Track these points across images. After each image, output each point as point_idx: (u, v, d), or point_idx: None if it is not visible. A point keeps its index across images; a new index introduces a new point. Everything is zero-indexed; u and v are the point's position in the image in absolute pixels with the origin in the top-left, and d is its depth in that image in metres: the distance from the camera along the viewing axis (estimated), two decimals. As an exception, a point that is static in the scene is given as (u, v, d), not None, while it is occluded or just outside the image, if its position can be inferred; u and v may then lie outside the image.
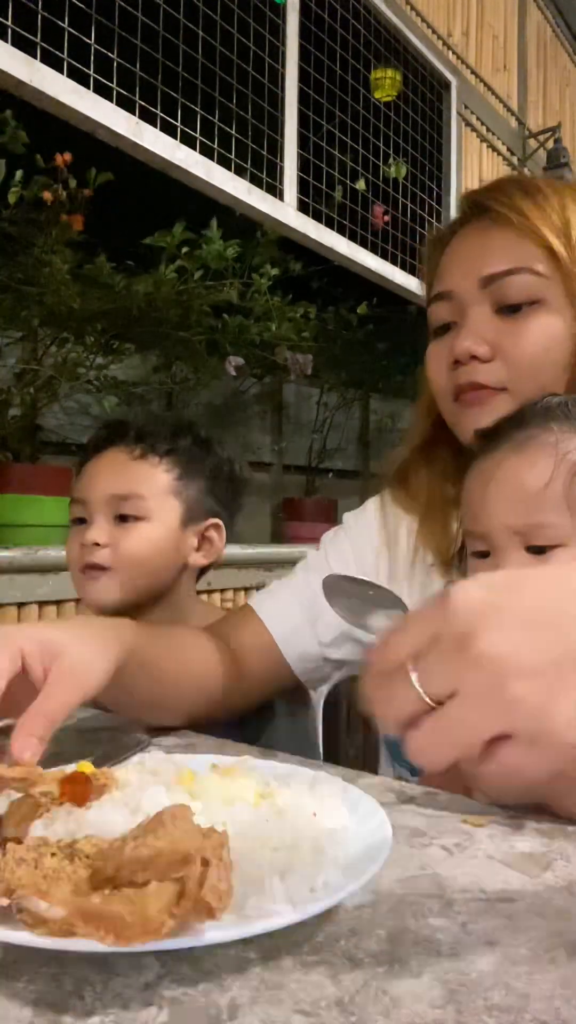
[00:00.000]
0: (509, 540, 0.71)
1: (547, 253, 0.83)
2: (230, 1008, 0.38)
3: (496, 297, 0.84)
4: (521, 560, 0.70)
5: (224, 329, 2.71)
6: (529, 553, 0.70)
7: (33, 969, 0.41)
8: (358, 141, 3.37)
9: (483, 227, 0.87)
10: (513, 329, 0.83)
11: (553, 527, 0.69)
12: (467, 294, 0.86)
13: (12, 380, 2.30)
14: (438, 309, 0.90)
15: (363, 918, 0.46)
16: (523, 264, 0.83)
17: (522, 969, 0.41)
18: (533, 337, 0.83)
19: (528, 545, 0.70)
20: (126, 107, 2.31)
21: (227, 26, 2.68)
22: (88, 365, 2.39)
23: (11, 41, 1.99)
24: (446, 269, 0.90)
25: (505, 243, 0.84)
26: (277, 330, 2.78)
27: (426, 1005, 0.38)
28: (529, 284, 0.83)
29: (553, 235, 0.83)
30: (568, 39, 5.36)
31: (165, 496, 1.12)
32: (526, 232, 0.83)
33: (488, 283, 0.84)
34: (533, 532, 0.69)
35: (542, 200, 0.85)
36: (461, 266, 0.87)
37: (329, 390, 3.86)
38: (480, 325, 0.84)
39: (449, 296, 0.88)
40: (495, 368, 0.84)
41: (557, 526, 0.69)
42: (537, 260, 0.83)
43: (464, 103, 4.15)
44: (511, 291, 0.83)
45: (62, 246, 2.20)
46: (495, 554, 0.72)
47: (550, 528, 0.69)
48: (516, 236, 0.84)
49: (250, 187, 2.79)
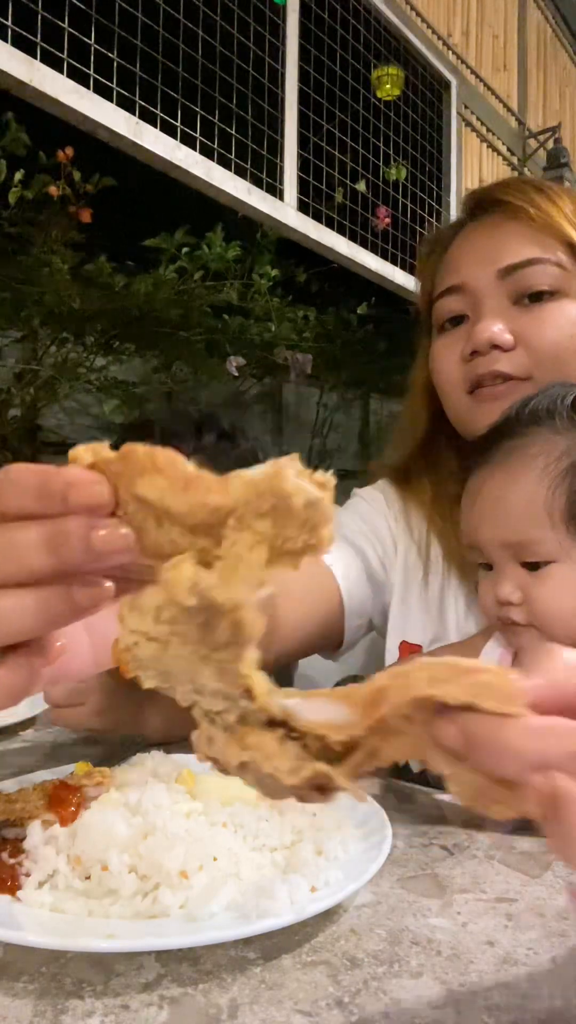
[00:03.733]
0: (502, 555, 0.71)
1: (566, 247, 0.83)
2: (230, 1008, 0.38)
3: (515, 287, 0.84)
4: (517, 575, 0.70)
5: (224, 330, 2.72)
6: (524, 568, 0.70)
7: (33, 969, 0.41)
8: (358, 141, 3.37)
9: (496, 222, 0.87)
10: (535, 317, 0.83)
11: (540, 543, 0.69)
12: (483, 286, 0.85)
13: (12, 380, 2.30)
14: (448, 303, 0.88)
15: (363, 918, 0.46)
16: (544, 255, 0.83)
17: (522, 969, 0.41)
18: (556, 324, 0.82)
19: (522, 562, 0.70)
20: (126, 107, 2.31)
21: (227, 26, 2.68)
22: (88, 365, 2.39)
23: (11, 41, 1.99)
24: (456, 264, 0.89)
25: (523, 235, 0.84)
26: (277, 331, 2.78)
27: (426, 1005, 0.38)
28: (551, 274, 0.83)
29: (572, 228, 0.83)
30: (568, 39, 5.36)
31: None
32: (544, 225, 0.84)
33: (507, 274, 0.84)
34: (522, 549, 0.70)
35: (555, 197, 0.86)
36: (475, 259, 0.86)
37: (329, 390, 3.86)
38: (500, 314, 0.83)
39: (462, 289, 0.87)
40: (518, 357, 0.83)
41: (544, 542, 0.69)
42: (557, 251, 0.83)
43: (464, 103, 4.15)
44: (533, 280, 0.83)
45: (62, 246, 2.20)
46: (494, 567, 0.73)
47: (538, 545, 0.69)
48: (534, 228, 0.84)
49: (250, 187, 2.78)
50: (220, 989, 0.39)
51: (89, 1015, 0.37)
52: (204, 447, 1.14)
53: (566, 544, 0.68)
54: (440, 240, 0.93)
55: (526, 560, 0.70)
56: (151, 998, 0.38)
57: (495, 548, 0.71)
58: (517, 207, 0.85)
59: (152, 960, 0.41)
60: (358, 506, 1.02)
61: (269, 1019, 0.37)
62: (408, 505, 0.99)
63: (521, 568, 0.70)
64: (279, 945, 0.43)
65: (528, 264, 0.83)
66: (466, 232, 0.89)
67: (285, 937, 0.43)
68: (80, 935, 0.40)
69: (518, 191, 0.87)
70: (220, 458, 1.15)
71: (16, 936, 0.40)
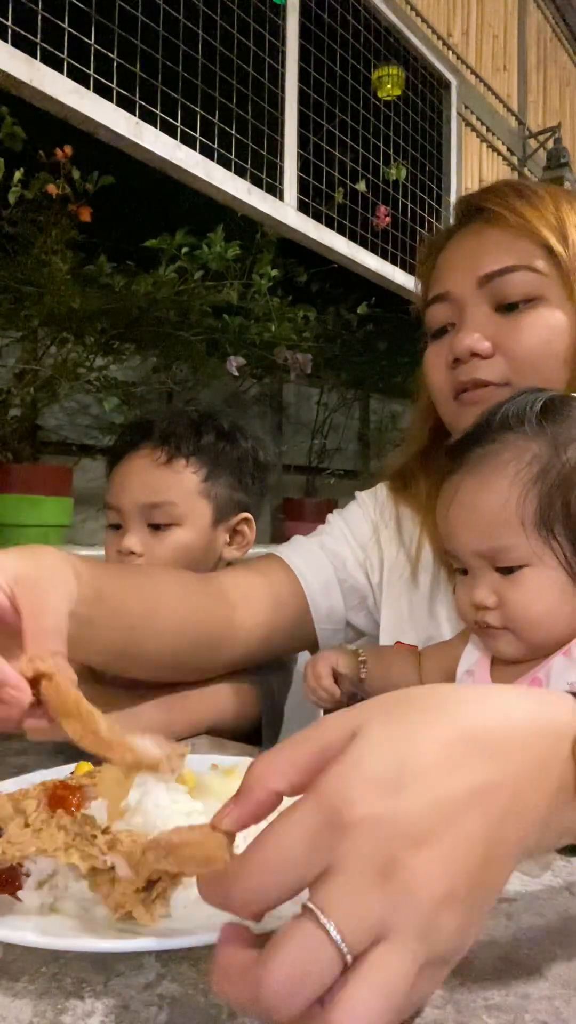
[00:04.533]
0: (476, 561, 0.72)
1: (545, 251, 0.83)
2: (230, 1008, 0.38)
3: (495, 295, 0.85)
4: (491, 579, 0.71)
5: (224, 329, 2.71)
6: (499, 573, 0.71)
7: (33, 969, 0.41)
8: (358, 141, 3.37)
9: (478, 228, 0.87)
10: (513, 325, 0.84)
11: (512, 549, 0.69)
12: (465, 294, 0.86)
13: (12, 380, 2.29)
14: (436, 311, 0.90)
15: (363, 918, 0.46)
16: (522, 262, 0.83)
17: (522, 969, 0.41)
18: (533, 332, 0.83)
19: (496, 566, 0.71)
20: (126, 107, 2.31)
21: (227, 26, 2.68)
22: (88, 365, 2.39)
23: (11, 41, 1.99)
24: (443, 271, 0.90)
25: (502, 242, 0.85)
26: (277, 331, 2.78)
27: (426, 1005, 0.38)
28: (528, 281, 0.83)
29: (550, 233, 0.83)
30: (568, 39, 5.36)
31: (195, 499, 1.11)
32: (523, 231, 0.84)
33: (486, 281, 0.85)
34: (496, 555, 0.71)
35: (537, 201, 0.86)
36: (458, 267, 0.88)
37: (329, 390, 3.86)
38: (480, 322, 0.85)
39: (447, 297, 0.88)
40: (496, 364, 0.84)
41: (516, 547, 0.69)
42: (535, 258, 0.83)
43: (464, 103, 4.14)
44: (510, 288, 0.84)
45: (62, 246, 2.20)
46: (470, 573, 0.74)
47: (510, 550, 0.70)
48: (513, 235, 0.84)
49: (250, 187, 2.78)
50: (220, 989, 0.39)
51: (89, 1015, 0.37)
52: (203, 447, 1.14)
53: (538, 548, 0.69)
54: (434, 245, 0.94)
55: (500, 565, 0.71)
56: (151, 998, 0.38)
57: (469, 554, 0.72)
58: (497, 214, 0.85)
59: (152, 960, 0.41)
60: (351, 510, 1.06)
61: (269, 1019, 0.37)
62: (401, 508, 1.01)
63: (495, 572, 0.71)
64: (279, 945, 0.43)
65: (506, 272, 0.83)
66: (455, 239, 0.90)
67: (285, 937, 0.43)
68: (80, 935, 0.40)
69: (499, 196, 0.87)
70: (220, 459, 1.15)
71: (16, 936, 0.40)
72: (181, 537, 1.10)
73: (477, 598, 0.72)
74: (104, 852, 0.41)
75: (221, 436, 1.17)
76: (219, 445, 1.15)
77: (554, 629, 0.70)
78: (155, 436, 1.13)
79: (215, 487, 1.13)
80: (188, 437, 1.13)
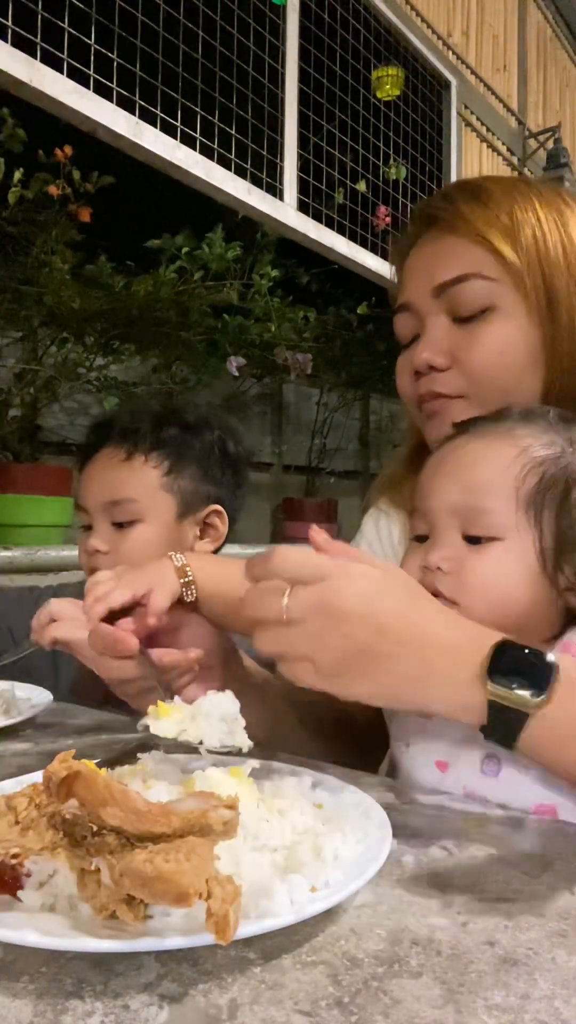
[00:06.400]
0: (448, 522, 0.70)
1: (495, 256, 0.82)
2: (230, 1008, 0.38)
3: (450, 306, 0.84)
4: (455, 545, 0.69)
5: (224, 329, 2.71)
6: (466, 542, 0.69)
7: (33, 969, 0.41)
8: (358, 141, 3.37)
9: (433, 236, 0.87)
10: (468, 338, 0.83)
11: (492, 515, 0.68)
12: (424, 304, 0.86)
13: (12, 380, 2.29)
14: (401, 321, 0.90)
15: (363, 918, 0.46)
16: (472, 270, 0.82)
17: (522, 969, 0.41)
18: (487, 345, 0.83)
19: (465, 534, 0.69)
20: (126, 107, 2.31)
21: (227, 26, 2.68)
22: (88, 365, 2.39)
23: (11, 41, 1.99)
24: (405, 281, 0.90)
25: (453, 250, 0.84)
26: (277, 331, 2.78)
27: (426, 1005, 0.38)
28: (479, 290, 0.82)
29: (500, 237, 0.82)
30: (568, 39, 5.36)
31: (156, 494, 1.11)
32: (472, 237, 0.83)
33: (440, 292, 0.84)
34: (472, 517, 0.68)
35: (489, 202, 0.84)
36: (416, 277, 0.88)
37: (329, 390, 3.85)
38: (436, 335, 0.85)
39: (408, 307, 0.89)
40: (452, 377, 0.84)
41: (497, 514, 0.68)
42: (485, 265, 0.82)
43: (464, 103, 4.15)
44: (463, 298, 0.83)
45: (62, 246, 2.20)
46: (432, 536, 0.71)
47: (489, 515, 0.68)
48: (464, 242, 0.83)
49: (250, 187, 2.78)
50: (220, 989, 0.39)
51: (89, 1015, 0.37)
52: (164, 441, 1.12)
53: (520, 524, 0.67)
54: (399, 251, 0.93)
55: (471, 533, 0.69)
56: (151, 998, 0.38)
57: (443, 512, 0.70)
58: (448, 221, 0.85)
59: (152, 960, 0.41)
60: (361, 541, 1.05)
61: (269, 1019, 0.37)
62: (393, 511, 1.01)
63: (461, 539, 0.69)
64: (279, 945, 0.43)
65: (457, 281, 0.83)
66: (416, 246, 0.90)
67: (285, 937, 0.43)
68: (80, 935, 0.40)
69: (450, 201, 0.86)
70: (183, 452, 1.13)
71: (16, 936, 0.40)
72: (144, 533, 1.10)
73: (433, 560, 0.69)
74: (91, 855, 0.41)
75: (184, 428, 1.15)
76: (182, 437, 1.14)
77: (509, 615, 0.67)
78: (115, 434, 1.13)
79: (178, 480, 1.12)
80: (147, 432, 1.12)
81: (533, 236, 0.82)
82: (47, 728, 0.89)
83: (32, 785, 0.46)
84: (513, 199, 0.84)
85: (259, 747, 0.63)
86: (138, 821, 0.41)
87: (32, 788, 0.46)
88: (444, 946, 0.43)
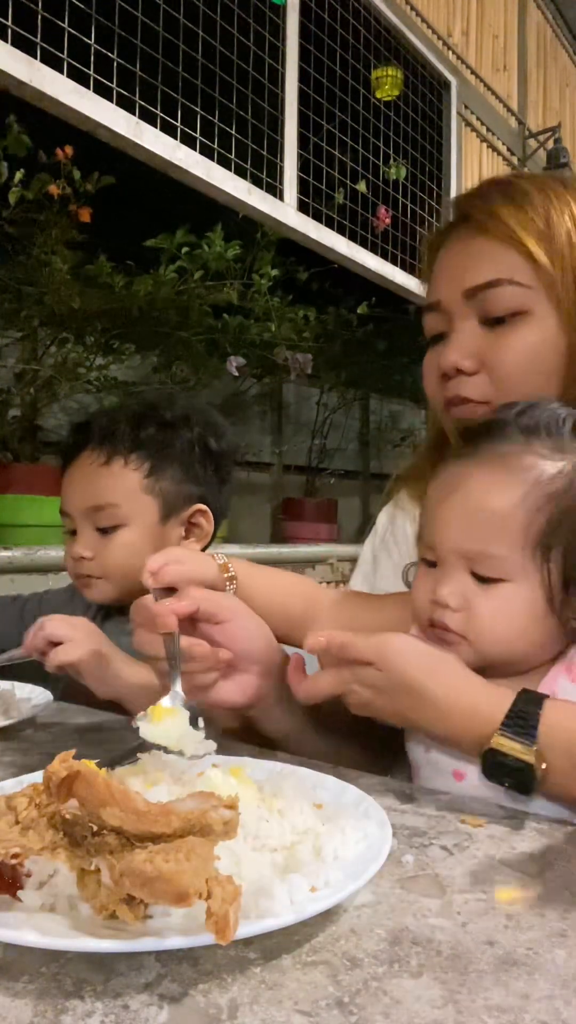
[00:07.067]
0: (456, 561, 0.69)
1: (529, 261, 0.81)
2: (230, 1008, 0.38)
3: (481, 308, 0.84)
4: (464, 581, 0.68)
5: (224, 330, 2.71)
6: (474, 579, 0.68)
7: (33, 969, 0.41)
8: (358, 141, 3.37)
9: (467, 236, 0.86)
10: (497, 342, 0.83)
11: (501, 560, 0.67)
12: (454, 306, 0.86)
13: (12, 380, 2.30)
14: (430, 320, 0.90)
15: (363, 918, 0.46)
16: (504, 275, 0.81)
17: (522, 969, 0.41)
18: (517, 350, 0.82)
19: (473, 572, 0.68)
20: (126, 107, 2.31)
21: (227, 26, 2.68)
22: (88, 365, 2.39)
23: (11, 41, 1.99)
24: (435, 279, 0.89)
25: (486, 253, 0.83)
26: (277, 330, 2.78)
27: (426, 1005, 0.38)
28: (511, 296, 0.81)
29: (535, 241, 0.81)
30: (568, 39, 5.36)
31: (138, 497, 1.09)
32: (506, 240, 0.82)
33: (472, 295, 0.84)
34: (480, 561, 0.67)
35: (525, 203, 0.83)
36: (447, 277, 0.87)
37: (329, 390, 3.86)
38: (465, 338, 0.84)
39: (438, 307, 0.88)
40: (480, 382, 0.84)
41: (505, 560, 0.66)
42: (518, 270, 0.81)
43: (464, 103, 4.14)
44: (495, 303, 0.82)
45: (62, 246, 2.20)
46: (441, 568, 0.70)
47: (498, 561, 0.67)
48: (497, 245, 0.82)
49: (250, 187, 2.78)
50: (220, 989, 0.39)
51: (89, 1015, 0.37)
52: (143, 442, 1.10)
53: (527, 567, 0.66)
54: (432, 246, 0.92)
55: (479, 572, 0.68)
56: (151, 998, 0.39)
57: (451, 550, 0.69)
58: (482, 221, 0.84)
59: (152, 960, 0.41)
60: (373, 536, 1.08)
61: (269, 1019, 0.37)
62: (410, 505, 1.01)
63: (470, 576, 0.68)
64: (279, 945, 0.43)
65: (489, 286, 0.82)
66: (448, 243, 0.89)
67: (285, 937, 0.43)
68: (80, 935, 0.40)
69: (484, 200, 0.85)
70: (163, 452, 1.11)
71: (16, 936, 0.40)
72: (128, 537, 1.08)
73: (442, 595, 0.68)
74: (91, 855, 0.41)
75: (163, 427, 1.12)
76: (161, 437, 1.12)
77: (515, 651, 0.68)
78: (93, 436, 1.10)
79: (160, 481, 1.10)
80: (126, 433, 1.10)
81: (568, 240, 0.81)
82: (47, 728, 0.89)
83: (32, 785, 0.46)
84: (549, 200, 0.83)
85: (271, 750, 0.63)
86: (138, 821, 0.41)
87: (32, 788, 0.46)
88: (444, 946, 0.43)
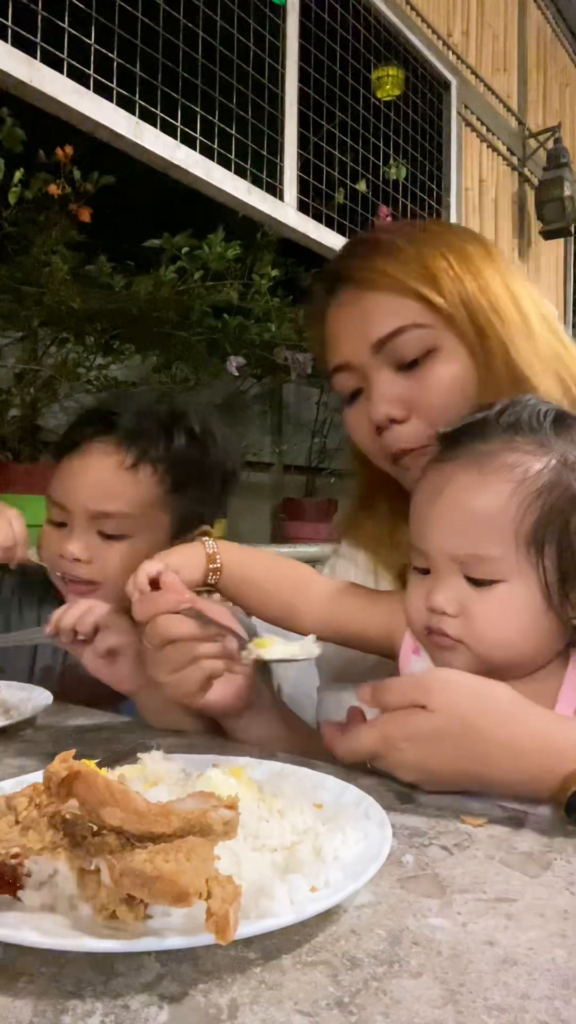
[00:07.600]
0: (448, 566, 0.68)
1: (424, 304, 0.83)
2: (230, 1008, 0.38)
3: (392, 357, 0.85)
4: (458, 587, 0.68)
5: (224, 329, 2.71)
6: (469, 583, 0.67)
7: (33, 969, 0.41)
8: (358, 141, 3.37)
9: (355, 295, 0.87)
10: (418, 384, 0.84)
11: (494, 561, 0.66)
12: (364, 361, 0.87)
13: (12, 380, 2.29)
14: (340, 379, 0.91)
15: (363, 918, 0.46)
16: (407, 321, 0.84)
17: (522, 969, 0.41)
18: (439, 386, 0.84)
19: (468, 576, 0.67)
20: (126, 107, 2.31)
21: (227, 26, 2.68)
22: (88, 365, 2.38)
23: (11, 41, 1.99)
24: (336, 341, 0.90)
25: (382, 305, 0.85)
26: (277, 330, 2.78)
27: (426, 1005, 0.38)
28: (419, 338, 0.84)
29: (422, 285, 0.83)
30: (568, 39, 5.36)
31: (154, 511, 1.01)
32: (398, 291, 0.84)
33: (380, 347, 0.85)
34: (473, 564, 0.67)
35: (399, 254, 0.85)
36: (349, 335, 0.88)
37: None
38: (387, 387, 0.85)
39: (348, 366, 0.89)
40: (414, 428, 0.85)
41: (499, 560, 0.66)
42: (418, 313, 0.84)
43: (464, 103, 4.14)
44: (404, 349, 0.84)
45: (62, 246, 2.20)
46: (434, 575, 0.69)
47: (490, 562, 0.66)
48: (391, 296, 0.84)
49: (250, 187, 2.78)
50: (220, 989, 0.39)
51: (89, 1015, 0.37)
52: (172, 454, 1.01)
53: (522, 565, 0.66)
54: (315, 315, 0.93)
55: (474, 576, 0.67)
56: (151, 998, 0.39)
57: (443, 556, 0.68)
58: (367, 279, 0.85)
59: (152, 960, 0.41)
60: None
61: (269, 1019, 0.37)
62: (350, 551, 1.01)
63: (465, 581, 0.67)
64: (279, 945, 0.43)
65: (395, 334, 0.84)
66: (335, 306, 0.90)
67: (285, 937, 0.43)
68: (80, 935, 0.40)
69: (362, 259, 0.87)
70: (188, 469, 1.03)
71: (16, 936, 0.40)
72: (130, 550, 0.99)
73: (438, 602, 0.68)
74: (92, 855, 0.41)
75: (192, 438, 1.04)
76: (189, 452, 1.04)
77: (516, 652, 0.67)
78: (119, 432, 1.01)
79: (180, 499, 1.02)
80: (157, 440, 1.01)
81: (451, 279, 0.84)
82: (47, 728, 0.89)
83: (32, 785, 0.46)
84: (420, 247, 0.86)
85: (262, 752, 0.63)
86: (138, 821, 0.41)
87: (32, 788, 0.46)
88: (444, 946, 0.43)
